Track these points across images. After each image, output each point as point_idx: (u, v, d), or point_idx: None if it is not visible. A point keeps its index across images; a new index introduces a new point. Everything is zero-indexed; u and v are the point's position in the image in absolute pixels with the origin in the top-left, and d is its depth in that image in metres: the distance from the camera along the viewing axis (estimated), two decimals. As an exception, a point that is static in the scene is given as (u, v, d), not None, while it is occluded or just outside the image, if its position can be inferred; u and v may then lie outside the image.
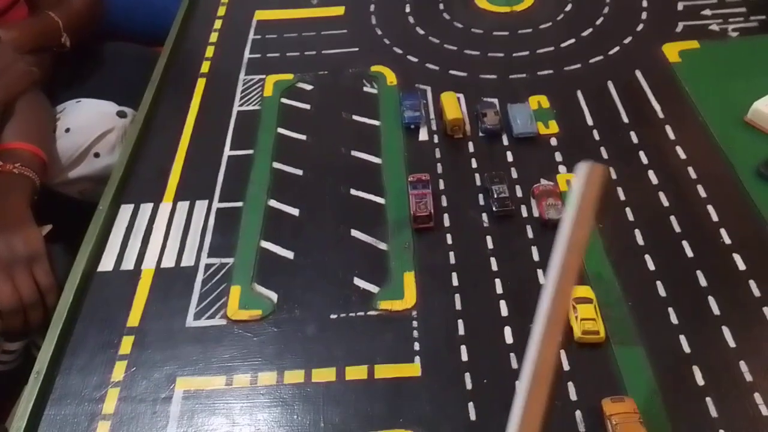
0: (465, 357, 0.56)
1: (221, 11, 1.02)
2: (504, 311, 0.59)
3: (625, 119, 0.76)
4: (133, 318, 0.61)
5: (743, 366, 0.53)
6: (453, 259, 0.64)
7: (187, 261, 0.66)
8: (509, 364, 0.55)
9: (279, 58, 0.91)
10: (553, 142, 0.75)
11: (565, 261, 0.41)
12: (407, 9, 0.99)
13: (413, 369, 0.55)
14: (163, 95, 0.86)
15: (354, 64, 0.89)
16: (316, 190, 0.72)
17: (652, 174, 0.70)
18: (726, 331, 0.56)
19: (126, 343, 0.59)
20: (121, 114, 0.92)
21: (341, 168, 0.74)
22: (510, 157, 0.74)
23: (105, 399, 0.55)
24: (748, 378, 0.53)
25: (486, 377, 0.54)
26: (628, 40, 0.88)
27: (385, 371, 0.56)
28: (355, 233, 0.67)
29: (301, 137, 0.79)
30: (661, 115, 0.76)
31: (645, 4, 0.94)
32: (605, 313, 0.57)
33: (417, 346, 0.57)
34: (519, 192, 0.69)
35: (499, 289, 0.61)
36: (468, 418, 0.52)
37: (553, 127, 0.76)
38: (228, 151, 0.78)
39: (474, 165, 0.73)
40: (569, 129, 0.76)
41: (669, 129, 0.75)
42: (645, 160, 0.71)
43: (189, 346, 0.59)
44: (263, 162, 0.76)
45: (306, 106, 0.83)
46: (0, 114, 0.79)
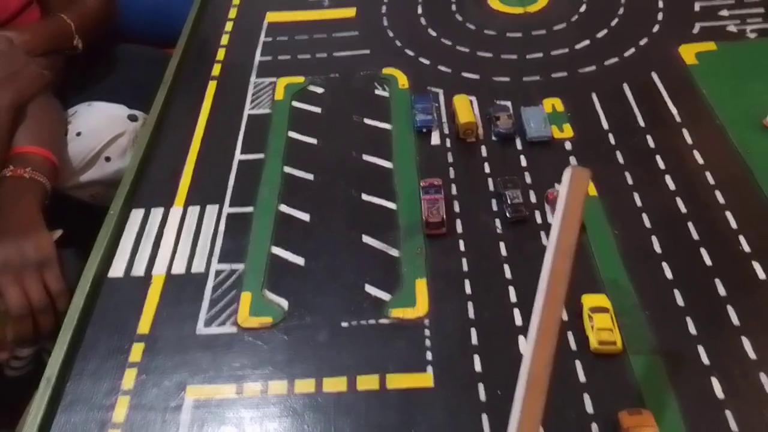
0: (478, 367, 0.55)
1: (232, 13, 1.01)
2: (518, 320, 0.58)
3: (641, 122, 0.75)
4: (144, 324, 0.61)
5: (764, 378, 0.52)
6: (466, 266, 0.63)
7: (198, 267, 0.65)
8: (523, 374, 0.54)
9: (290, 60, 0.91)
10: (568, 146, 0.74)
11: (555, 265, 0.40)
12: (419, 10, 0.98)
13: (426, 379, 0.55)
14: (175, 98, 0.86)
15: (365, 66, 0.88)
16: (327, 194, 0.72)
17: (669, 179, 0.69)
18: (746, 342, 0.55)
19: (136, 350, 0.59)
20: (132, 117, 0.92)
21: (352, 172, 0.74)
22: (524, 162, 0.72)
23: (115, 406, 0.55)
24: (768, 390, 0.52)
25: (500, 388, 0.54)
26: (643, 41, 0.86)
27: (397, 381, 0.55)
28: (367, 239, 0.66)
29: (312, 141, 0.78)
30: (678, 119, 0.75)
31: (661, 4, 0.92)
32: (621, 322, 0.56)
33: (429, 355, 0.56)
34: (533, 197, 0.68)
35: (513, 297, 0.60)
36: (481, 430, 0.51)
37: (568, 131, 0.75)
38: (239, 155, 0.77)
39: (487, 169, 0.72)
40: (584, 132, 0.75)
41: (686, 132, 0.73)
42: (662, 164, 0.70)
43: (199, 353, 0.58)
44: (274, 166, 0.75)
45: (317, 109, 0.83)
46: (12, 117, 0.79)
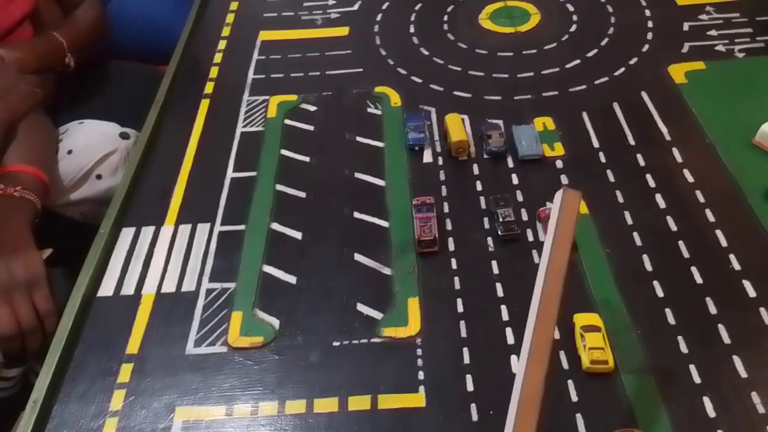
0: (471, 387, 0.55)
1: (226, 31, 1.02)
2: (510, 339, 0.58)
3: (632, 141, 0.76)
4: (133, 344, 0.60)
5: (755, 397, 0.52)
6: (458, 284, 0.63)
7: (188, 286, 0.65)
8: (516, 394, 0.54)
9: (283, 78, 0.91)
10: (559, 164, 0.74)
11: (547, 286, 0.40)
12: (411, 29, 0.98)
13: (418, 399, 0.54)
14: (167, 116, 0.86)
15: (358, 84, 0.88)
16: (319, 212, 0.72)
17: (659, 197, 0.69)
18: (737, 361, 0.55)
19: (125, 371, 0.58)
20: (124, 135, 0.92)
21: (345, 190, 0.74)
22: (515, 180, 0.73)
23: (103, 429, 0.54)
24: (760, 409, 0.51)
25: (492, 408, 0.53)
26: (633, 60, 0.87)
27: (389, 401, 0.54)
28: (359, 257, 0.66)
29: (305, 159, 0.78)
30: (668, 137, 0.76)
31: (650, 24, 0.93)
32: (613, 341, 0.56)
33: (421, 375, 0.56)
34: (524, 215, 0.68)
35: (506, 316, 0.60)
36: (474, 450, 0.51)
37: (559, 149, 0.75)
38: (231, 173, 0.77)
39: (479, 187, 0.72)
40: (575, 151, 0.75)
41: (676, 151, 0.74)
42: (652, 183, 0.71)
43: (189, 374, 0.58)
44: (266, 184, 0.75)
45: (310, 127, 0.83)
46: (2, 135, 0.79)
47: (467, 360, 0.57)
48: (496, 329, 0.59)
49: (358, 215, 0.71)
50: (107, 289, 0.65)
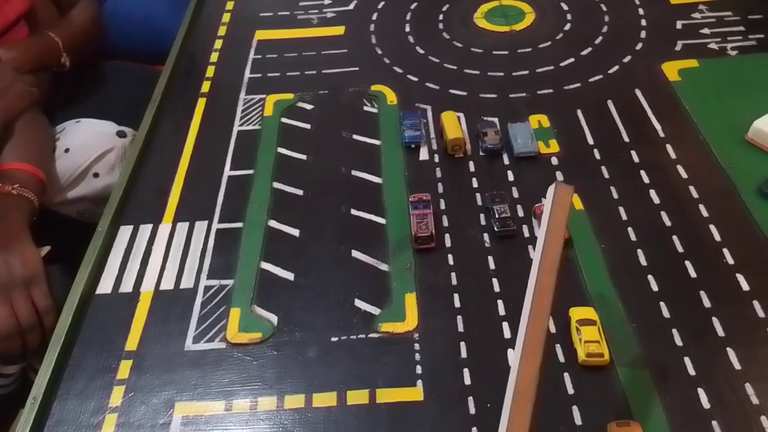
0: (468, 380, 0.55)
1: (222, 31, 1.02)
2: (507, 333, 0.58)
3: (626, 138, 0.76)
4: (132, 341, 0.61)
5: (749, 388, 0.53)
6: (454, 280, 0.63)
7: (187, 283, 0.65)
8: (512, 387, 0.54)
9: (279, 77, 0.91)
10: (554, 161, 0.75)
11: (541, 280, 0.41)
12: (407, 28, 0.99)
13: (415, 393, 0.55)
14: (164, 115, 0.86)
15: (354, 83, 0.89)
16: (316, 210, 0.72)
17: (653, 193, 0.70)
18: (731, 353, 0.55)
19: (124, 368, 0.59)
20: (121, 134, 0.92)
21: (342, 188, 0.74)
22: (511, 177, 0.73)
23: (102, 425, 0.55)
24: (754, 401, 0.52)
25: (489, 401, 0.54)
26: (627, 58, 0.88)
27: (387, 395, 0.55)
28: (356, 254, 0.67)
29: (302, 157, 0.79)
30: (662, 134, 0.76)
31: (644, 23, 0.94)
32: (609, 335, 0.57)
33: (419, 369, 0.56)
34: (520, 212, 0.69)
35: (502, 311, 0.60)
36: (471, 443, 0.51)
37: (554, 146, 0.76)
38: (228, 171, 0.77)
39: (475, 184, 0.73)
40: (570, 148, 0.76)
41: (670, 148, 0.74)
42: (646, 179, 0.71)
43: (188, 370, 0.58)
44: (263, 182, 0.75)
45: (306, 125, 0.83)
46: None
47: (464, 354, 0.57)
48: (492, 324, 0.59)
49: (355, 212, 0.71)
50: (106, 287, 0.66)
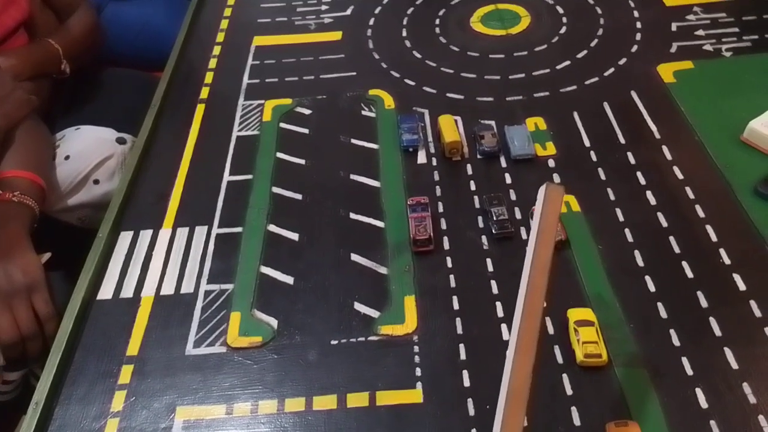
0: (467, 382, 0.56)
1: (220, 37, 1.02)
2: (505, 335, 0.59)
3: (622, 140, 0.77)
4: (133, 346, 0.61)
5: (746, 387, 0.53)
6: (453, 283, 0.64)
7: (187, 288, 0.66)
8: (512, 388, 0.55)
9: (277, 83, 0.92)
10: (551, 163, 0.75)
11: (533, 280, 0.42)
12: (404, 33, 1.00)
13: (415, 395, 0.55)
14: (163, 121, 0.87)
15: (352, 88, 0.89)
16: (315, 214, 0.72)
17: (650, 194, 0.70)
18: (728, 353, 0.56)
19: (125, 372, 0.59)
20: (121, 140, 0.93)
21: (340, 192, 0.75)
22: (508, 179, 0.74)
23: (104, 430, 0.55)
24: (752, 400, 0.52)
25: (489, 402, 0.54)
26: (623, 61, 0.89)
27: (387, 398, 0.55)
28: (355, 257, 0.67)
29: (300, 161, 0.79)
30: (658, 135, 0.77)
31: (639, 25, 0.95)
32: (607, 335, 0.57)
33: (418, 371, 0.57)
34: (518, 214, 0.69)
35: (500, 313, 0.61)
36: (471, 444, 0.52)
37: (551, 149, 0.77)
38: (227, 177, 0.78)
39: (473, 187, 0.73)
40: (566, 150, 0.76)
41: (666, 149, 0.75)
42: (643, 180, 0.72)
43: (189, 374, 0.58)
44: (262, 187, 0.76)
45: (305, 130, 0.84)
46: (-1, 142, 0.80)
47: (463, 356, 0.58)
48: (491, 326, 0.60)
49: (353, 216, 0.71)
50: (106, 292, 0.66)
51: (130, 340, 0.62)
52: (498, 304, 0.61)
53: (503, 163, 0.76)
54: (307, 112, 0.86)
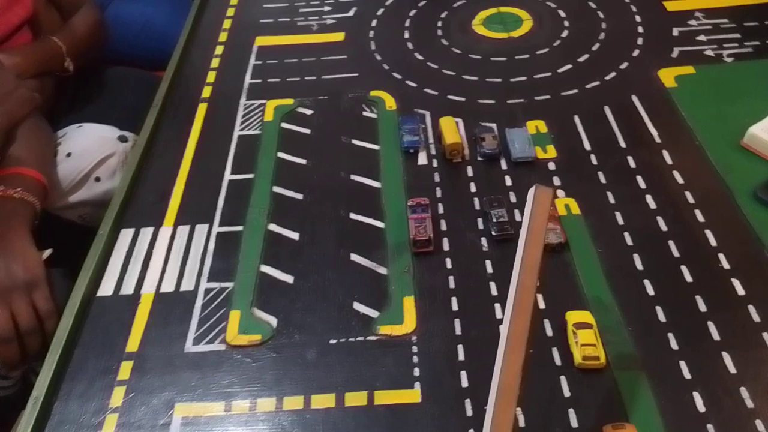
0: (465, 383, 0.56)
1: (222, 37, 1.03)
2: (504, 336, 0.59)
3: (623, 143, 0.77)
4: (132, 343, 0.61)
5: (744, 392, 0.53)
6: (453, 284, 0.64)
7: (187, 285, 0.66)
8: (509, 389, 0.55)
9: (279, 83, 0.92)
10: (551, 166, 0.75)
11: (522, 280, 0.42)
12: (406, 35, 1.00)
13: (413, 395, 0.55)
14: (165, 120, 0.87)
15: (353, 89, 0.90)
16: (315, 214, 0.73)
17: (650, 198, 0.70)
18: (726, 357, 0.56)
19: (125, 369, 0.59)
20: (123, 139, 0.93)
21: (341, 192, 0.75)
22: (509, 181, 0.74)
23: (103, 425, 0.55)
24: (749, 404, 0.53)
25: (486, 403, 0.54)
26: (624, 65, 0.89)
27: (385, 397, 0.55)
28: (355, 257, 0.67)
29: (301, 161, 0.79)
30: (658, 140, 0.77)
31: (640, 30, 0.95)
32: (605, 338, 0.57)
33: (417, 371, 0.57)
34: (518, 216, 0.70)
35: (499, 314, 0.61)
36: (468, 445, 0.52)
37: (551, 152, 0.77)
38: (228, 176, 0.78)
39: (473, 189, 0.73)
40: (567, 153, 0.77)
41: (666, 153, 0.75)
42: (643, 184, 0.72)
43: (188, 371, 0.59)
44: (263, 186, 0.76)
45: (306, 130, 0.84)
46: (2, 139, 0.80)
47: (462, 357, 0.58)
48: (490, 327, 0.60)
49: (354, 216, 0.72)
50: (107, 289, 0.66)
51: (129, 336, 0.62)
52: (497, 305, 0.62)
53: (504, 166, 0.76)
54: (309, 112, 0.87)
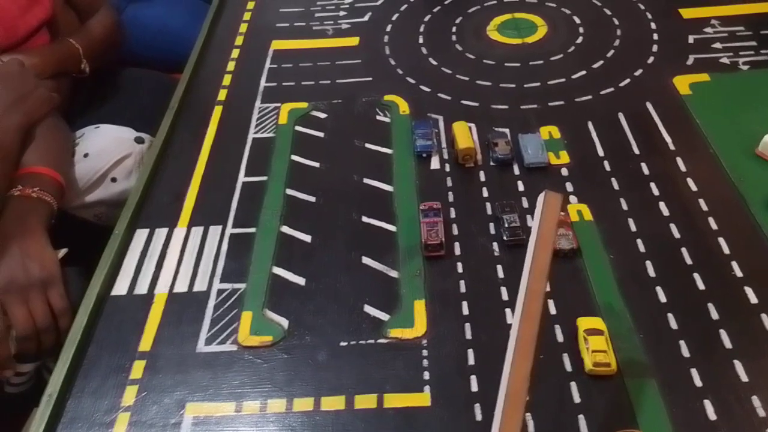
0: (475, 387, 0.56)
1: (239, 41, 1.04)
2: (514, 341, 0.59)
3: (636, 150, 0.77)
4: (145, 342, 0.62)
5: (756, 401, 0.53)
6: (464, 288, 0.64)
7: (200, 286, 0.67)
8: (519, 394, 0.55)
9: (294, 86, 0.93)
10: (564, 172, 0.75)
11: (531, 285, 0.42)
12: (420, 40, 1.00)
13: (423, 399, 0.55)
14: (181, 122, 0.88)
15: (367, 93, 0.90)
16: (328, 216, 0.73)
17: (663, 205, 0.70)
18: (738, 365, 0.55)
19: (137, 368, 0.60)
20: (139, 140, 0.94)
21: (353, 195, 0.75)
22: (521, 187, 0.74)
23: (115, 423, 0.56)
24: (761, 413, 0.52)
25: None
26: (638, 72, 0.89)
27: (395, 400, 0.55)
28: (367, 260, 0.68)
29: (315, 164, 0.80)
30: (672, 147, 0.77)
31: (655, 37, 0.95)
32: (616, 345, 0.57)
33: (427, 375, 0.57)
34: (530, 221, 0.70)
35: (510, 319, 0.61)
36: (477, 449, 0.52)
37: (564, 158, 0.77)
38: (242, 178, 0.79)
39: (485, 194, 0.74)
40: (580, 159, 0.77)
41: (680, 160, 0.75)
42: (656, 191, 0.72)
43: (199, 371, 0.59)
44: (277, 188, 0.77)
45: (320, 133, 0.84)
46: (21, 138, 0.81)
47: (472, 361, 0.58)
48: (500, 332, 0.60)
49: (366, 219, 0.72)
50: (121, 289, 0.67)
51: (142, 336, 0.62)
52: (507, 310, 0.62)
53: (516, 171, 0.76)
54: (323, 116, 0.87)
